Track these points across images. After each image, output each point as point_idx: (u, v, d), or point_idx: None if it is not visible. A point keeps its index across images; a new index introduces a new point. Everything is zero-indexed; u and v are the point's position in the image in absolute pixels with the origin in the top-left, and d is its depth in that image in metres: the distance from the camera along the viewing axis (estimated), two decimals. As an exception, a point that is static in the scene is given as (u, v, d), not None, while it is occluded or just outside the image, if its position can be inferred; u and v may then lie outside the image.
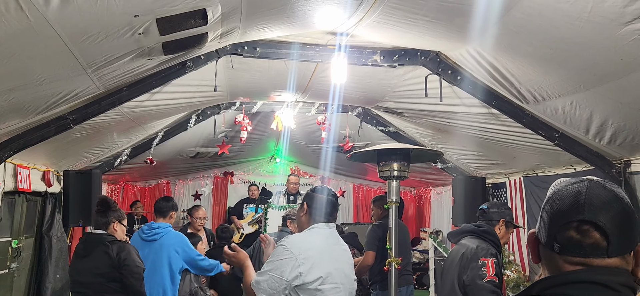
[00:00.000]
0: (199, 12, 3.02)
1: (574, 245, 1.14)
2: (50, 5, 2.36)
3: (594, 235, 1.13)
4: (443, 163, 7.13)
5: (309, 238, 2.73)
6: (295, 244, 2.63)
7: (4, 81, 3.13)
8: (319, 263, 2.59)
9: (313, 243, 2.69)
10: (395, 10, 3.28)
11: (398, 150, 3.58)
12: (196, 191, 10.24)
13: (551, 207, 1.20)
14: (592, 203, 1.14)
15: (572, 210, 1.15)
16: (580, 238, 1.14)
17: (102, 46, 3.07)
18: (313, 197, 2.86)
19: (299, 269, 2.53)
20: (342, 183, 10.78)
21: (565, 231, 1.15)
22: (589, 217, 1.13)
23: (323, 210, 2.81)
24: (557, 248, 1.16)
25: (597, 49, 3.03)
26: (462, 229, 3.36)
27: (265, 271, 2.58)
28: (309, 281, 2.54)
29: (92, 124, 4.66)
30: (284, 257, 2.57)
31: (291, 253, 2.57)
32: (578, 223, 1.14)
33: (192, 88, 4.96)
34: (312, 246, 2.65)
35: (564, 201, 1.17)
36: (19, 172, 4.98)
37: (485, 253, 3.00)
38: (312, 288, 2.55)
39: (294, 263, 2.54)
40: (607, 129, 4.03)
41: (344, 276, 2.73)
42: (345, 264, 2.81)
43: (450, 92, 4.58)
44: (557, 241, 1.16)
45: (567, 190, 1.19)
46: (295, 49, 4.33)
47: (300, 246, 2.61)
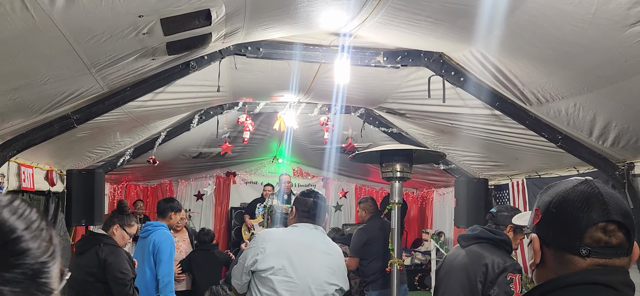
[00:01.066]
0: (203, 13, 3.02)
1: (603, 247, 1.15)
2: (56, 5, 2.37)
3: (619, 234, 1.15)
4: (445, 165, 7.12)
5: (278, 232, 3.02)
6: (262, 235, 2.92)
7: (9, 80, 3.14)
8: (276, 254, 2.78)
9: (280, 236, 2.94)
10: (399, 11, 3.29)
11: (401, 151, 3.59)
12: (198, 191, 10.25)
13: (567, 210, 1.18)
14: (611, 203, 1.15)
15: (596, 212, 1.15)
16: (608, 239, 1.15)
17: (107, 46, 3.08)
18: (298, 199, 3.06)
19: (257, 256, 2.78)
20: (345, 184, 10.79)
21: (593, 233, 1.15)
22: (615, 217, 1.14)
23: (304, 211, 2.98)
24: (586, 251, 1.15)
25: (601, 50, 3.02)
26: (477, 234, 3.27)
27: (237, 261, 2.94)
28: (261, 269, 2.76)
29: (95, 124, 4.67)
30: (251, 247, 2.87)
31: (256, 242, 2.86)
32: (606, 223, 1.14)
33: (195, 89, 4.96)
34: (276, 239, 2.88)
35: (580, 203, 1.17)
36: (22, 171, 4.99)
37: (513, 268, 3.01)
38: (264, 276, 2.76)
39: (255, 251, 2.80)
40: (610, 131, 4.03)
41: (305, 275, 2.77)
42: (318, 267, 2.83)
43: (453, 94, 4.58)
44: (584, 244, 1.15)
45: (578, 191, 1.19)
46: (298, 50, 4.33)
47: (265, 237, 2.87)
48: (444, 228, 9.21)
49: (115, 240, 3.84)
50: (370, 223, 5.53)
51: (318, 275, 2.81)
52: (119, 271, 3.73)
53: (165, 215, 4.76)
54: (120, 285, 3.73)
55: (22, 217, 0.75)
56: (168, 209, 4.77)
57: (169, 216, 4.77)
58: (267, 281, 2.73)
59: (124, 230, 3.90)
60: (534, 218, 1.26)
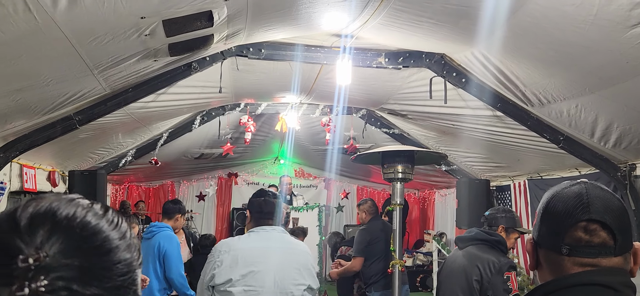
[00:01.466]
0: (205, 14, 3.03)
1: (584, 246, 1.14)
2: (58, 6, 2.38)
3: (601, 234, 1.14)
4: (447, 166, 7.12)
5: (234, 241, 2.73)
6: (218, 247, 2.68)
7: (11, 82, 3.15)
8: (233, 265, 2.57)
9: (235, 245, 2.67)
10: (401, 13, 3.29)
11: (402, 152, 3.58)
12: (200, 192, 10.26)
13: (552, 210, 1.20)
14: (595, 203, 1.15)
15: (578, 210, 1.15)
16: (589, 238, 1.14)
17: (109, 47, 3.09)
18: (250, 202, 2.81)
19: (214, 270, 2.58)
20: (346, 185, 10.79)
21: (573, 232, 1.15)
22: (596, 216, 1.13)
23: (258, 213, 2.75)
24: (566, 250, 1.15)
25: (603, 52, 3.02)
26: (473, 236, 3.27)
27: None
28: (219, 283, 2.55)
29: (97, 125, 4.68)
30: (209, 261, 2.66)
31: (212, 256, 2.64)
32: (586, 222, 1.14)
33: (197, 90, 4.97)
34: (232, 248, 2.63)
35: (566, 202, 1.18)
36: (25, 172, 5.01)
37: (508, 266, 3.03)
38: (223, 290, 2.56)
39: (212, 265, 2.61)
40: (612, 132, 4.03)
41: (269, 280, 2.61)
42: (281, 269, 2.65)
43: (455, 95, 4.58)
44: (564, 243, 1.16)
45: (567, 192, 1.20)
46: (300, 51, 4.34)
47: (220, 249, 2.64)
48: (446, 229, 9.21)
49: None
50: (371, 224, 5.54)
51: (283, 277, 2.64)
52: None
53: (171, 216, 4.76)
54: None
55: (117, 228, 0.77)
56: (176, 210, 4.77)
57: (175, 218, 4.77)
58: (227, 294, 2.55)
59: None
60: (534, 220, 1.28)
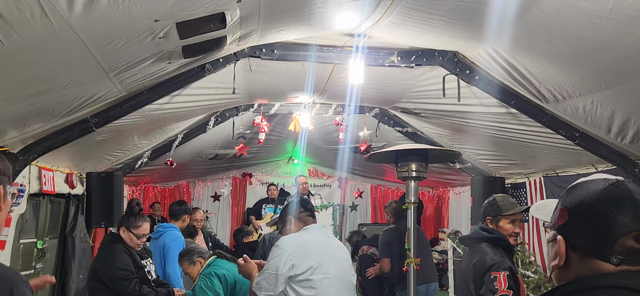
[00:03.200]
0: (217, 16, 3.05)
1: (635, 254, 1.10)
2: (74, 11, 2.42)
3: None
4: (461, 164, 7.08)
5: (299, 236, 3.01)
6: (285, 241, 2.92)
7: (29, 86, 3.21)
8: (309, 255, 2.83)
9: (303, 239, 2.97)
10: (413, 11, 3.28)
11: (416, 150, 3.57)
12: (215, 192, 10.32)
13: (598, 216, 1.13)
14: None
15: (630, 219, 1.10)
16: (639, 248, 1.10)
17: (124, 50, 3.13)
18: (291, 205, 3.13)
19: (291, 261, 2.78)
20: (360, 184, 10.77)
21: (625, 242, 1.10)
22: None
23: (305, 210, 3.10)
24: (617, 260, 1.10)
25: (619, 47, 2.99)
26: (473, 235, 3.21)
27: (263, 271, 2.86)
28: (301, 272, 2.78)
29: (113, 127, 4.74)
30: (276, 255, 2.82)
31: (283, 249, 2.83)
32: (638, 232, 1.09)
33: (211, 91, 5.01)
34: (301, 242, 2.93)
35: (611, 209, 1.11)
36: (43, 175, 5.08)
37: (497, 266, 2.87)
38: (304, 279, 2.78)
39: (286, 257, 2.79)
40: (629, 128, 3.97)
41: (336, 269, 2.93)
42: (339, 259, 3.02)
43: (468, 92, 4.56)
44: (615, 252, 1.10)
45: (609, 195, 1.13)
46: (312, 51, 4.35)
47: (290, 242, 2.90)
48: (461, 227, 9.15)
49: (125, 239, 3.88)
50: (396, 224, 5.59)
51: (343, 267, 2.99)
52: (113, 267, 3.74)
53: (178, 217, 4.84)
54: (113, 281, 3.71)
55: None
56: (182, 212, 4.85)
57: (182, 218, 4.83)
58: (308, 282, 2.78)
59: (131, 232, 3.87)
60: (559, 218, 1.20)
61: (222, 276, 4.10)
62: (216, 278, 4.05)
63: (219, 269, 4.14)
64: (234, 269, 4.26)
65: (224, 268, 4.18)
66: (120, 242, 3.85)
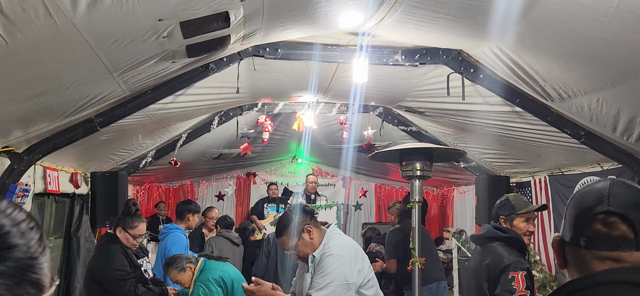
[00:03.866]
0: (221, 15, 3.05)
1: (602, 239, 1.14)
2: (78, 10, 2.42)
3: (621, 227, 1.13)
4: (466, 163, 7.06)
5: (341, 239, 2.87)
6: (340, 248, 2.75)
7: (34, 86, 3.22)
8: (359, 255, 2.79)
9: (346, 240, 2.89)
10: (417, 10, 3.27)
11: (420, 149, 3.56)
12: (219, 192, 10.33)
13: (575, 205, 1.21)
14: (616, 196, 1.15)
15: (597, 204, 1.15)
16: (607, 231, 1.14)
17: (128, 50, 3.13)
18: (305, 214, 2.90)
19: (357, 266, 2.69)
20: (364, 183, 10.76)
21: (592, 225, 1.15)
22: (615, 209, 1.13)
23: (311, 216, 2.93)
24: (584, 242, 1.16)
25: (625, 44, 2.97)
26: (486, 234, 3.19)
27: (325, 285, 2.61)
28: (366, 281, 2.73)
29: (118, 127, 4.75)
30: (340, 264, 2.65)
31: (343, 256, 2.68)
32: (604, 215, 1.14)
33: (214, 90, 5.01)
34: (349, 243, 2.85)
35: (588, 197, 1.18)
36: (48, 174, 5.10)
37: (515, 266, 2.86)
38: (366, 280, 2.73)
39: (351, 265, 2.67)
40: (635, 126, 3.95)
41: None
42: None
43: (472, 91, 4.54)
44: (583, 236, 1.16)
45: (591, 187, 1.21)
46: (316, 50, 4.34)
47: (344, 247, 2.77)
48: (466, 227, 9.12)
49: (121, 240, 3.87)
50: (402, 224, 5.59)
51: None
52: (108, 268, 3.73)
53: (183, 217, 4.85)
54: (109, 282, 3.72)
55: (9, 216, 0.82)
56: (186, 211, 4.86)
57: (186, 218, 4.84)
58: (369, 282, 2.76)
59: (127, 232, 3.86)
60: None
61: (219, 279, 4.05)
62: (213, 283, 3.98)
63: (214, 272, 4.09)
64: (227, 268, 4.23)
65: (218, 270, 4.12)
66: (117, 242, 3.85)
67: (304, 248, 2.84)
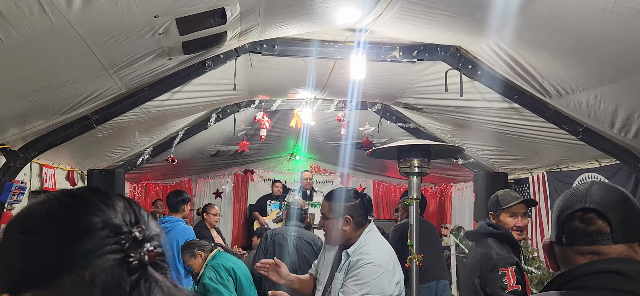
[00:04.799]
0: (217, 11, 3.03)
1: (580, 234, 1.22)
2: (72, 7, 2.40)
3: (597, 222, 1.21)
4: (464, 159, 7.05)
5: (380, 245, 2.75)
6: (379, 257, 2.63)
7: (29, 83, 3.19)
8: (397, 264, 2.70)
9: (385, 248, 2.76)
10: (415, 5, 3.26)
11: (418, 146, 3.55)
12: (217, 189, 10.31)
13: (557, 207, 1.30)
14: (593, 194, 1.23)
15: (575, 202, 1.24)
16: (584, 227, 1.22)
17: (123, 47, 3.11)
18: (349, 207, 2.75)
19: (395, 278, 2.61)
20: (362, 180, 10.75)
21: (571, 222, 1.24)
22: (591, 205, 1.22)
23: (365, 212, 2.80)
24: (565, 239, 1.24)
25: (622, 40, 2.96)
26: (479, 230, 3.20)
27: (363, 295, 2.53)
28: (401, 289, 2.65)
29: (114, 124, 4.73)
30: (379, 274, 2.56)
31: (382, 267, 2.58)
32: (582, 212, 1.23)
33: (211, 87, 4.99)
34: (388, 252, 2.73)
35: (568, 198, 1.28)
36: (44, 172, 5.08)
37: (504, 262, 2.84)
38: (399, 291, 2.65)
39: (389, 276, 2.59)
40: (633, 123, 3.94)
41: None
42: None
43: (470, 87, 4.53)
44: (564, 233, 1.25)
45: (573, 190, 1.30)
46: (313, 46, 4.32)
47: (383, 257, 2.64)
48: (464, 223, 9.12)
49: None
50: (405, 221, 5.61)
51: None
52: None
53: (178, 208, 4.83)
54: None
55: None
56: (180, 202, 4.84)
57: (182, 209, 4.82)
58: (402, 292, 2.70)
59: None
60: None
61: (231, 270, 4.12)
62: (224, 270, 4.06)
63: (227, 262, 4.16)
64: (239, 263, 4.29)
65: (230, 261, 4.20)
66: None
67: (334, 232, 2.77)
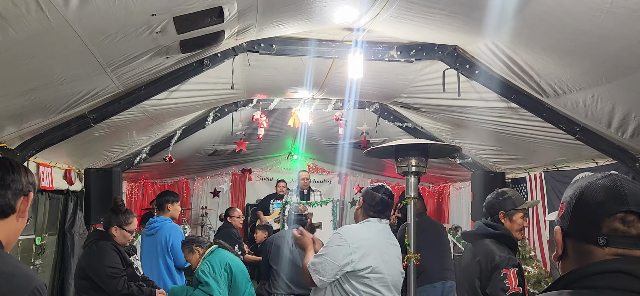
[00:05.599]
0: (215, 10, 3.03)
1: (621, 236, 1.17)
2: (70, 5, 2.40)
3: (638, 225, 1.17)
4: (461, 159, 7.07)
5: (362, 230, 3.00)
6: (349, 233, 2.95)
7: (26, 81, 3.19)
8: (369, 254, 2.86)
9: (365, 234, 2.97)
10: (412, 5, 3.26)
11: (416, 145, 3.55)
12: (215, 188, 10.31)
13: (587, 201, 1.22)
14: (632, 195, 1.18)
15: (615, 202, 1.18)
16: (626, 229, 1.17)
17: (121, 45, 3.10)
18: (369, 194, 3.09)
19: (351, 256, 2.82)
20: (360, 179, 10.75)
21: (611, 223, 1.17)
22: (634, 208, 1.16)
23: (376, 206, 3.05)
24: (604, 240, 1.18)
25: (619, 40, 2.97)
26: (477, 230, 3.17)
27: (321, 255, 2.90)
28: (359, 269, 2.83)
29: (112, 123, 4.72)
30: (338, 244, 2.87)
31: (345, 241, 2.86)
32: (624, 214, 1.17)
33: (209, 86, 4.99)
34: (364, 237, 2.93)
35: (602, 194, 1.20)
36: (41, 171, 5.06)
37: (506, 263, 2.84)
38: (361, 275, 2.83)
39: (347, 250, 2.83)
40: (629, 122, 3.95)
41: (391, 269, 2.96)
42: (394, 258, 3.04)
43: (468, 87, 4.54)
44: (602, 233, 1.18)
45: (600, 183, 1.22)
46: (311, 46, 4.32)
47: (354, 236, 2.92)
48: (461, 223, 9.14)
49: (116, 239, 3.87)
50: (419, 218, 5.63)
51: (396, 266, 3.02)
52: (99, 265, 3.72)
53: (162, 207, 4.88)
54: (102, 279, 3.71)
55: None
56: (164, 202, 4.90)
57: (166, 208, 4.86)
58: (365, 279, 2.85)
59: (123, 229, 3.88)
60: (559, 211, 1.30)
61: (226, 265, 4.16)
62: (219, 265, 4.14)
63: (222, 258, 4.20)
64: (236, 260, 4.32)
65: (226, 258, 4.24)
66: (108, 239, 3.84)
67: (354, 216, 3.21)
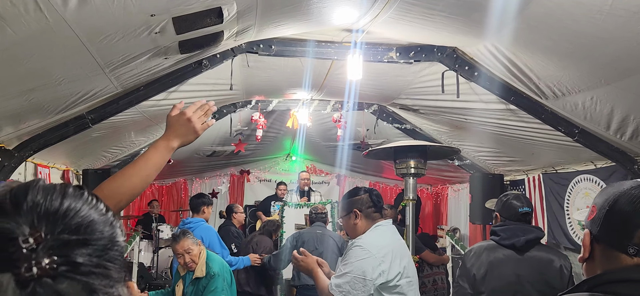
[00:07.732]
0: (214, 11, 3.02)
1: None
2: (68, 5, 2.39)
3: None
4: (460, 161, 7.06)
5: (379, 237, 2.76)
6: (370, 243, 2.68)
7: (24, 81, 3.18)
8: (394, 259, 2.66)
9: (384, 241, 2.74)
10: (412, 6, 3.25)
11: (415, 147, 3.56)
12: (213, 189, 10.30)
13: (621, 209, 1.23)
14: None
15: None
16: None
17: (119, 46, 3.10)
18: (356, 201, 2.85)
19: (381, 267, 2.59)
20: (359, 181, 10.76)
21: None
22: None
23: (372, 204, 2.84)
24: (633, 250, 1.19)
25: (619, 42, 2.96)
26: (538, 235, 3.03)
27: (344, 273, 2.62)
28: (391, 279, 2.60)
29: (110, 123, 4.71)
30: (363, 257, 2.62)
31: (369, 252, 2.62)
32: None
33: (208, 87, 4.98)
34: (386, 244, 2.71)
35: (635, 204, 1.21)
36: (39, 171, 5.05)
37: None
38: (392, 285, 2.61)
39: (375, 262, 2.60)
40: (629, 125, 3.95)
41: (413, 269, 2.81)
42: (410, 258, 2.88)
43: (467, 89, 4.53)
44: (632, 243, 1.20)
45: (634, 193, 1.23)
46: (310, 47, 4.32)
47: (376, 245, 2.67)
48: (459, 225, 9.14)
49: None
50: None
51: (413, 266, 2.86)
52: None
53: (198, 210, 5.00)
54: None
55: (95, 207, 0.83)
56: (200, 204, 5.05)
57: (201, 210, 4.98)
58: (397, 287, 2.65)
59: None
60: (589, 214, 1.31)
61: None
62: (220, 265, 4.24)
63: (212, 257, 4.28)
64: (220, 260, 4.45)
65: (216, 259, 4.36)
66: None
67: (347, 227, 2.90)
